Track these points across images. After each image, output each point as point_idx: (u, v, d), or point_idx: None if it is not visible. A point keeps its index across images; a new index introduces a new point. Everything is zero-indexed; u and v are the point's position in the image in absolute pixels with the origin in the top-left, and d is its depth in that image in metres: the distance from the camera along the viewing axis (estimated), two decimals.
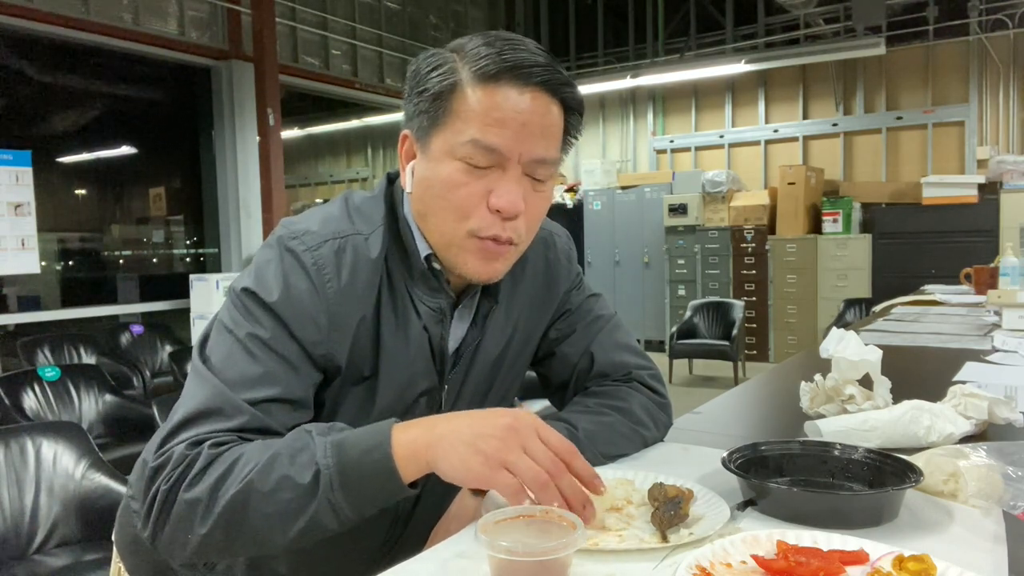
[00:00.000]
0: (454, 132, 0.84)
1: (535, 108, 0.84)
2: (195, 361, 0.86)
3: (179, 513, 0.76)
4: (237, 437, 0.79)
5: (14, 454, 1.92)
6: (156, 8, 5.33)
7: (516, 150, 0.83)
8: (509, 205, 0.84)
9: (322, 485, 0.73)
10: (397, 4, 7.35)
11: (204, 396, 0.81)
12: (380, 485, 0.74)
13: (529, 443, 0.73)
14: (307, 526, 0.75)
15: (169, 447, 0.79)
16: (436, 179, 0.86)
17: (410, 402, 0.95)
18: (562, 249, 1.11)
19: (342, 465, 0.74)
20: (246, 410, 0.80)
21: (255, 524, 0.75)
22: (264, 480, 0.74)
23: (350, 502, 0.74)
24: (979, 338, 2.05)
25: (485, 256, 0.87)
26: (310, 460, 0.74)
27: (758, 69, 7.38)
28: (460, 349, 0.99)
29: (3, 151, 4.42)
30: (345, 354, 0.88)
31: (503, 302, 1.00)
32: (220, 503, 0.74)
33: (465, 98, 0.83)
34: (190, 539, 0.76)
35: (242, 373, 0.82)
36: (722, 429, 1.25)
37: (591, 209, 8.23)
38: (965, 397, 1.11)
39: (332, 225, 0.90)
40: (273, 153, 5.86)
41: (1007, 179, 6.29)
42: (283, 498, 0.74)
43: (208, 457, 0.76)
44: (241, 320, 0.85)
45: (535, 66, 0.83)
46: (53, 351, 4.18)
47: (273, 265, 0.87)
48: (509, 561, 0.61)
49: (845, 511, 0.76)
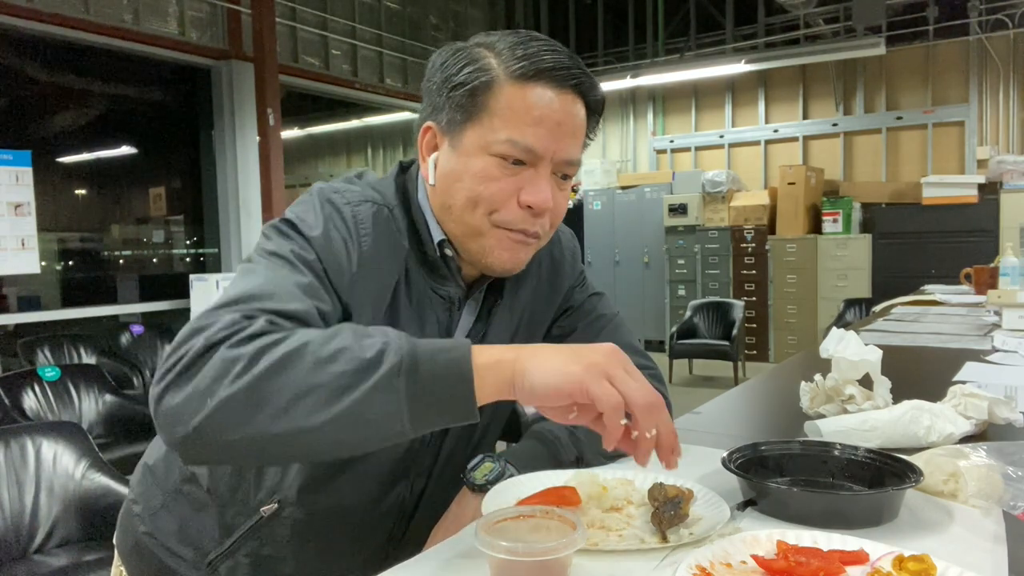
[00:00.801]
0: (489, 129, 0.85)
1: (568, 109, 0.86)
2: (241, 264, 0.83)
3: (213, 367, 0.66)
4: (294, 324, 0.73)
5: (14, 454, 1.92)
6: (156, 8, 5.32)
7: (550, 149, 0.85)
8: (542, 202, 0.86)
9: (388, 363, 0.65)
10: (397, 4, 7.34)
11: (256, 282, 0.76)
12: (451, 388, 0.66)
13: (629, 366, 0.69)
14: (348, 410, 0.64)
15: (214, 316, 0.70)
16: (467, 172, 0.86)
17: None
18: (567, 247, 1.11)
19: (414, 353, 0.67)
20: (303, 300, 0.76)
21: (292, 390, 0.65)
22: (322, 346, 0.67)
23: (412, 395, 0.65)
24: (979, 338, 2.05)
25: (512, 246, 0.89)
26: (379, 342, 0.67)
27: (758, 69, 7.38)
28: None
29: (3, 151, 4.42)
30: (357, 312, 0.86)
31: (507, 297, 1.01)
32: (262, 363, 0.65)
33: (502, 96, 0.84)
34: (209, 402, 0.65)
35: (289, 281, 0.78)
36: (722, 429, 1.25)
37: (591, 209, 8.23)
38: (965, 397, 1.11)
39: (368, 192, 0.91)
40: (273, 153, 5.86)
41: (1007, 179, 6.29)
42: (336, 369, 0.65)
43: (263, 327, 0.69)
44: (283, 242, 0.84)
45: (572, 68, 0.85)
46: (53, 351, 4.18)
47: (316, 209, 0.87)
48: (509, 561, 0.62)
49: (845, 511, 0.77)
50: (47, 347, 4.18)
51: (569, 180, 0.91)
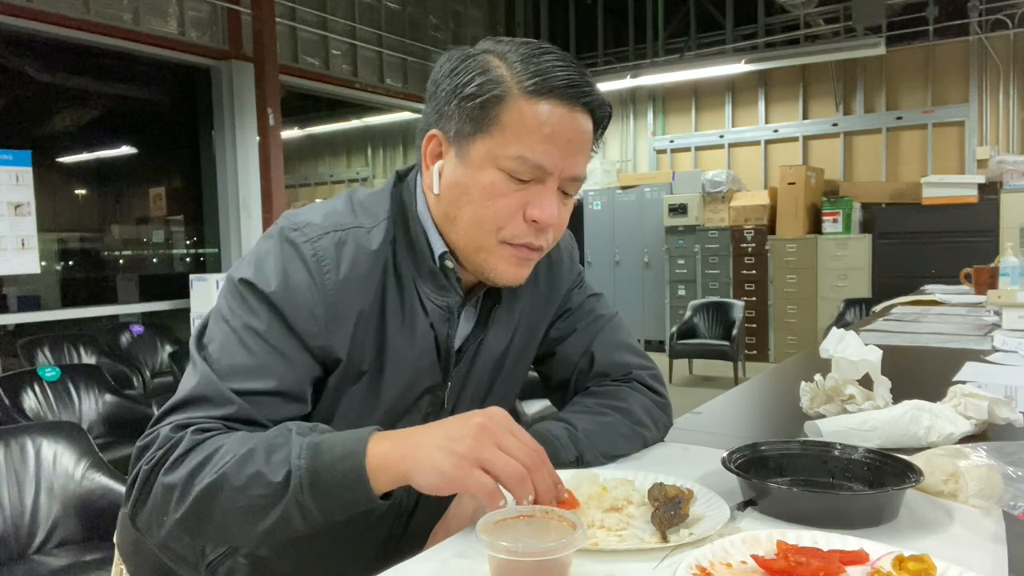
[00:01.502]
0: (500, 143, 0.84)
1: (578, 126, 0.86)
2: (192, 350, 0.87)
3: (157, 495, 0.78)
4: (223, 425, 0.80)
5: (14, 454, 1.92)
6: (156, 8, 5.32)
7: (559, 167, 0.85)
8: (548, 218, 0.86)
9: (292, 486, 0.74)
10: (397, 4, 7.34)
11: (195, 383, 0.83)
12: (350, 492, 0.74)
13: (503, 439, 0.73)
14: (275, 524, 0.75)
15: (155, 429, 0.81)
16: (474, 186, 0.86)
17: (413, 399, 0.95)
18: (564, 248, 1.11)
19: (314, 469, 0.74)
20: (234, 400, 0.81)
21: (225, 516, 0.76)
22: (238, 474, 0.75)
23: (318, 505, 0.74)
24: (979, 338, 2.05)
25: (517, 262, 0.89)
26: (284, 459, 0.75)
27: (758, 69, 7.38)
28: (463, 347, 0.99)
29: (3, 151, 4.42)
30: (345, 347, 0.88)
31: (505, 301, 1.00)
32: (194, 491, 0.76)
33: (514, 111, 0.84)
34: (165, 521, 0.78)
35: (235, 364, 0.83)
36: (722, 429, 1.25)
37: (591, 209, 8.23)
38: (965, 397, 1.11)
39: (334, 218, 0.90)
40: (273, 153, 5.85)
41: (1007, 179, 6.29)
42: (254, 494, 0.75)
43: (190, 443, 0.78)
44: (238, 310, 0.86)
45: (584, 86, 0.85)
46: (53, 351, 4.18)
47: (272, 256, 0.87)
48: (509, 561, 0.62)
49: (845, 511, 0.76)
50: (47, 347, 4.18)
51: (572, 196, 0.92)
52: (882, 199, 6.99)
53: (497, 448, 0.72)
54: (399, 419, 0.95)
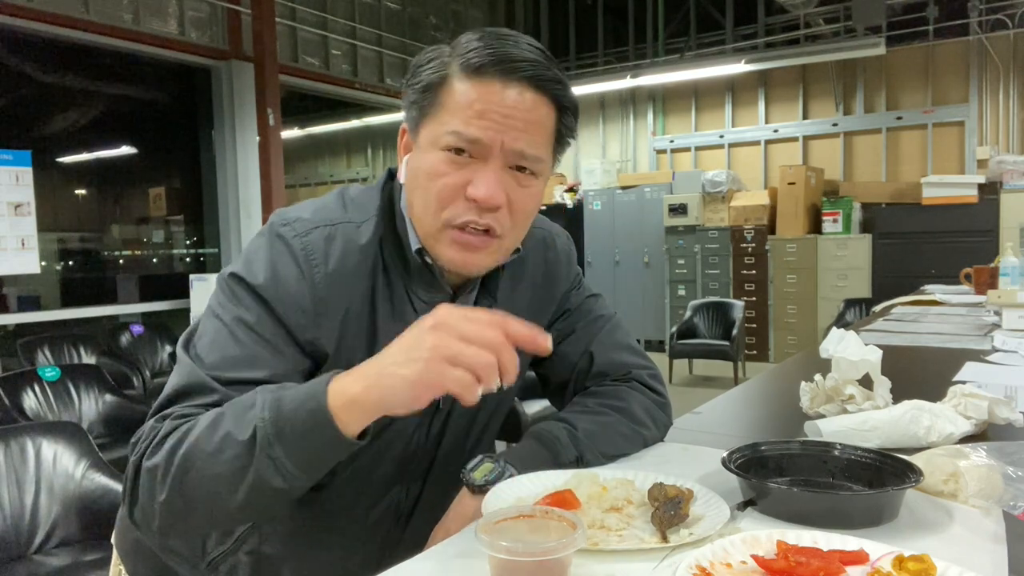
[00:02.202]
0: (440, 123, 0.85)
1: (519, 102, 0.84)
2: (178, 350, 0.87)
3: (143, 482, 0.78)
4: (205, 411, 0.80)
5: (14, 454, 1.92)
6: (156, 8, 5.32)
7: (496, 141, 0.83)
8: (486, 195, 0.83)
9: (259, 441, 0.73)
10: (397, 4, 7.34)
11: (178, 379, 0.83)
12: (317, 436, 0.73)
13: (462, 327, 0.70)
14: (253, 484, 0.74)
15: (142, 428, 0.82)
16: (421, 169, 0.87)
17: None
18: (562, 249, 1.11)
19: (278, 419, 0.73)
20: (218, 388, 0.81)
21: (205, 486, 0.75)
22: (208, 440, 0.75)
23: (289, 455, 0.73)
24: (979, 338, 2.05)
25: (462, 247, 0.87)
26: (251, 417, 0.74)
27: (758, 69, 7.37)
28: None
29: (3, 151, 4.42)
30: (333, 341, 0.88)
31: (502, 302, 1.00)
32: (173, 467, 0.75)
33: (452, 90, 0.84)
34: (155, 509, 0.77)
35: (226, 355, 0.83)
36: (722, 429, 1.25)
37: (591, 209, 8.23)
38: (965, 397, 1.11)
39: (324, 213, 0.91)
40: (273, 153, 5.85)
41: (1007, 179, 6.29)
42: (225, 457, 0.74)
43: (169, 427, 0.78)
44: (227, 304, 0.86)
45: (522, 61, 0.83)
46: (53, 351, 4.18)
47: (262, 251, 0.88)
48: (509, 561, 0.62)
49: (845, 511, 0.77)
50: (47, 347, 4.18)
51: (534, 177, 0.88)
52: (882, 199, 6.99)
53: (460, 340, 0.69)
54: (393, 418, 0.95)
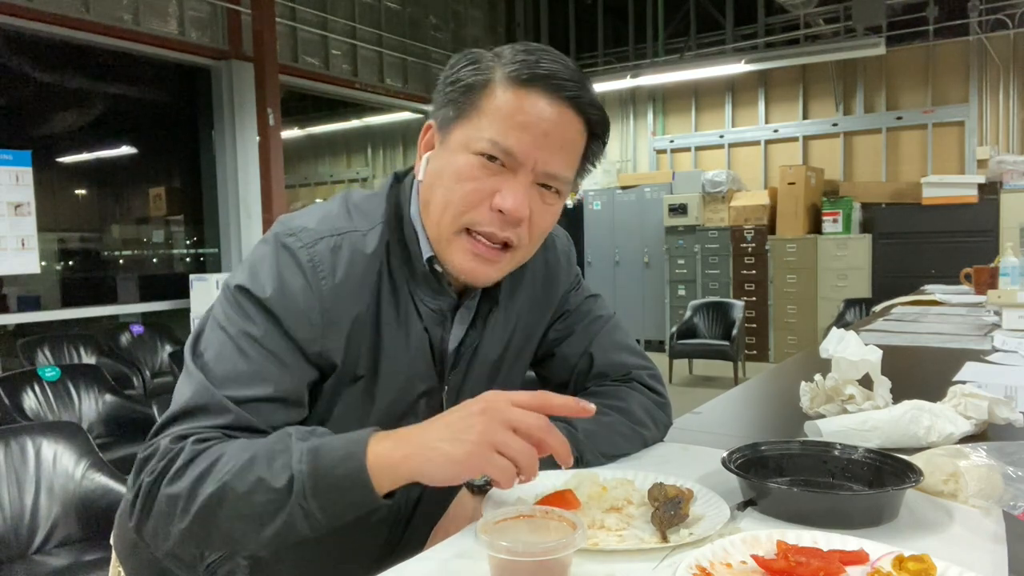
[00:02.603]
0: (476, 128, 0.84)
1: (560, 121, 0.84)
2: (187, 358, 0.86)
3: (160, 507, 0.77)
4: (222, 434, 0.80)
5: (14, 454, 1.92)
6: (156, 8, 5.32)
7: (532, 157, 0.84)
8: (513, 207, 0.83)
9: (295, 491, 0.74)
10: (397, 4, 7.34)
11: (191, 393, 0.82)
12: (352, 495, 0.74)
13: (510, 415, 0.72)
14: (280, 530, 0.75)
15: (155, 441, 0.80)
16: (448, 168, 0.86)
17: (410, 402, 0.95)
18: (561, 250, 1.11)
19: (316, 472, 0.74)
20: (231, 408, 0.81)
21: (230, 524, 0.76)
22: (240, 481, 0.75)
23: (322, 509, 0.74)
24: (979, 338, 2.05)
25: (475, 257, 0.87)
26: (286, 464, 0.75)
27: (758, 69, 7.37)
28: (460, 350, 0.98)
29: (3, 151, 4.42)
30: (341, 351, 0.88)
31: (502, 303, 1.00)
32: (198, 501, 0.75)
33: (494, 97, 0.84)
34: (171, 531, 0.77)
35: (232, 370, 0.82)
36: (722, 429, 1.25)
37: (591, 209, 8.23)
38: (965, 397, 1.11)
39: (329, 222, 0.90)
40: (273, 153, 5.85)
41: (1007, 179, 6.29)
42: (257, 500, 0.75)
43: (191, 453, 0.77)
44: (234, 316, 0.85)
45: (569, 80, 0.84)
46: (53, 351, 4.18)
47: (268, 262, 0.87)
48: (509, 561, 0.62)
49: (845, 511, 0.76)
50: (47, 347, 4.18)
51: (557, 196, 0.89)
52: (882, 199, 6.98)
53: (506, 428, 0.71)
54: (396, 422, 0.94)
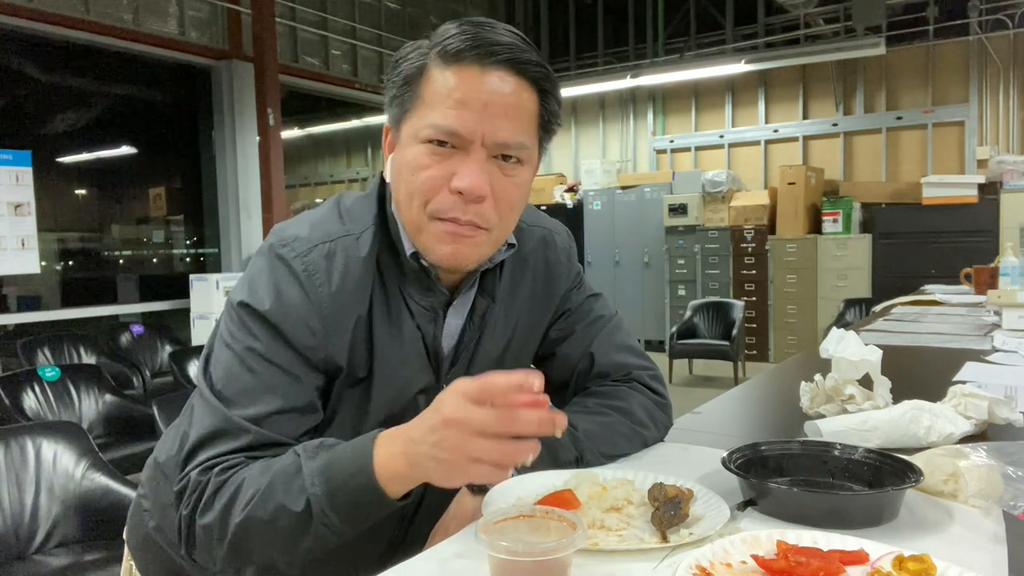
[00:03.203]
0: (420, 117, 0.84)
1: (498, 88, 0.82)
2: (199, 382, 0.88)
3: (200, 536, 0.82)
4: (244, 457, 0.82)
5: (14, 454, 1.92)
6: (156, 8, 5.32)
7: (478, 131, 0.82)
8: (470, 187, 0.82)
9: (315, 512, 0.77)
10: (397, 4, 7.34)
11: (210, 420, 0.84)
12: (369, 505, 0.77)
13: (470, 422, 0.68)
14: (312, 545, 0.79)
15: (186, 472, 0.84)
16: (403, 163, 0.86)
17: (408, 400, 0.95)
18: (562, 248, 1.10)
19: (330, 492, 0.76)
20: (250, 430, 0.82)
21: (264, 546, 0.80)
22: (263, 511, 0.78)
23: (344, 522, 0.77)
24: (979, 338, 2.05)
25: (450, 239, 0.85)
26: (300, 488, 0.77)
27: (758, 69, 7.37)
28: (459, 347, 0.98)
29: (3, 151, 4.42)
30: (344, 355, 0.88)
31: (502, 302, 1.00)
32: (230, 529, 0.79)
33: (430, 81, 0.83)
34: (216, 555, 0.82)
35: (242, 387, 0.84)
36: (722, 429, 1.25)
37: (591, 209, 8.23)
38: (965, 397, 1.11)
39: (322, 229, 0.90)
40: (273, 153, 5.86)
41: (1007, 179, 6.29)
42: (282, 525, 0.78)
43: (215, 484, 0.81)
44: (238, 333, 0.86)
45: (497, 44, 0.81)
46: (53, 351, 4.18)
47: (264, 275, 0.87)
48: (509, 561, 0.62)
49: (845, 511, 0.77)
50: (47, 347, 4.18)
51: (520, 166, 0.86)
52: (882, 199, 6.99)
53: (477, 436, 0.68)
54: (397, 420, 0.95)
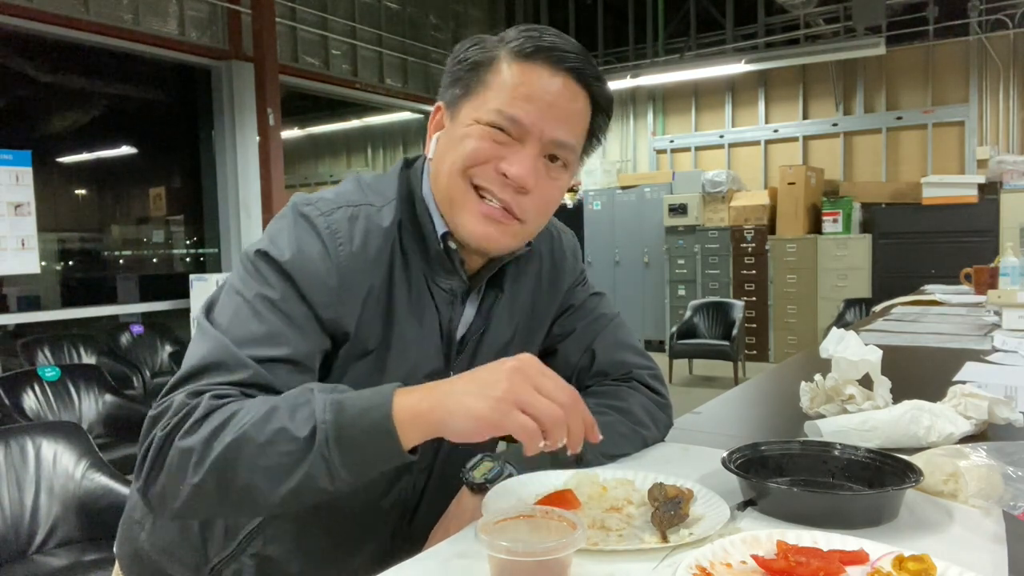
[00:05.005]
0: (483, 101, 0.87)
1: (563, 92, 0.86)
2: (200, 319, 0.86)
3: (173, 461, 0.75)
4: (239, 392, 0.79)
5: (14, 454, 1.92)
6: (156, 8, 5.32)
7: (538, 126, 0.85)
8: (518, 174, 0.85)
9: (318, 440, 0.72)
10: (397, 4, 7.34)
11: (207, 350, 0.81)
12: (377, 446, 0.73)
13: (538, 380, 0.72)
14: (300, 484, 0.73)
15: (169, 397, 0.79)
16: (455, 139, 0.88)
17: (416, 383, 0.95)
18: (568, 246, 1.12)
19: (339, 421, 0.73)
20: (250, 364, 0.80)
21: (247, 476, 0.73)
22: (260, 431, 0.73)
23: (345, 461, 0.73)
24: (979, 338, 2.05)
25: (485, 219, 0.88)
26: (308, 415, 0.73)
27: (758, 69, 7.38)
28: (466, 336, 0.99)
29: (3, 151, 4.42)
30: (354, 322, 0.88)
31: (508, 292, 1.01)
32: (214, 452, 0.73)
33: (499, 72, 0.86)
34: (182, 489, 0.75)
35: (248, 331, 0.82)
36: (722, 429, 1.25)
37: (591, 209, 8.23)
38: (965, 397, 1.11)
39: (345, 196, 0.92)
40: (273, 153, 5.85)
41: (1007, 179, 6.29)
42: (278, 451, 0.73)
43: (207, 407, 0.76)
44: (250, 281, 0.86)
45: (570, 52, 0.86)
46: (53, 351, 4.18)
47: (287, 230, 0.88)
48: (509, 561, 0.62)
49: (845, 511, 0.77)
50: (47, 347, 4.18)
51: (564, 170, 0.90)
52: (882, 199, 6.99)
53: (534, 390, 0.71)
54: None
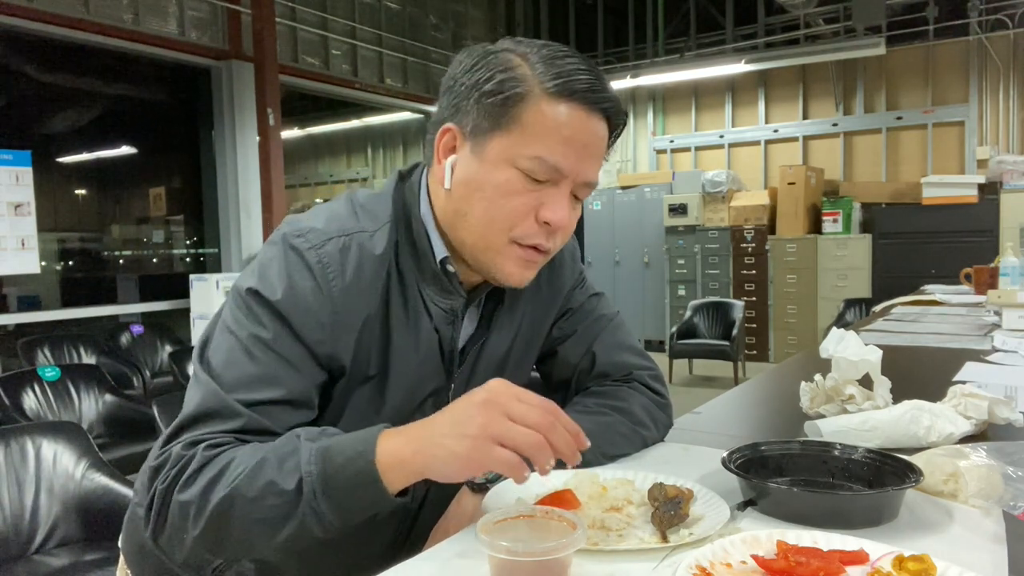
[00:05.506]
0: (518, 142, 0.84)
1: (595, 131, 0.86)
2: (195, 364, 0.86)
3: (174, 514, 0.77)
4: (234, 439, 0.80)
5: (14, 454, 1.92)
6: (156, 8, 5.32)
7: (575, 170, 0.86)
8: (560, 220, 0.86)
9: (305, 493, 0.73)
10: (397, 4, 7.34)
11: (201, 398, 0.82)
12: (364, 494, 0.74)
13: (511, 408, 0.72)
14: (292, 533, 0.75)
15: (168, 448, 0.80)
16: (489, 183, 0.85)
17: (418, 402, 0.95)
18: (566, 248, 1.11)
19: (325, 473, 0.74)
20: (243, 412, 0.80)
21: (243, 529, 0.76)
22: (250, 486, 0.74)
23: (333, 510, 0.74)
24: (979, 338, 2.05)
25: (524, 264, 0.89)
26: (295, 466, 0.74)
27: (758, 69, 7.38)
28: (466, 347, 0.99)
29: (3, 151, 4.42)
30: (350, 354, 0.88)
31: (508, 302, 1.01)
32: (209, 506, 0.75)
33: (535, 111, 0.83)
34: (185, 539, 0.77)
35: (242, 374, 0.82)
36: (722, 429, 1.25)
37: (591, 209, 8.22)
38: (965, 397, 1.11)
39: (337, 223, 0.89)
40: (273, 153, 5.85)
41: (1007, 179, 6.29)
42: (268, 504, 0.74)
43: (202, 459, 0.77)
44: (243, 320, 0.85)
45: (603, 92, 0.86)
46: (53, 351, 4.18)
47: (277, 263, 0.86)
48: (509, 561, 0.62)
49: (845, 511, 0.77)
50: (47, 347, 4.18)
51: (581, 201, 0.92)
52: (882, 199, 6.99)
53: (508, 419, 0.71)
54: (406, 421, 0.95)
